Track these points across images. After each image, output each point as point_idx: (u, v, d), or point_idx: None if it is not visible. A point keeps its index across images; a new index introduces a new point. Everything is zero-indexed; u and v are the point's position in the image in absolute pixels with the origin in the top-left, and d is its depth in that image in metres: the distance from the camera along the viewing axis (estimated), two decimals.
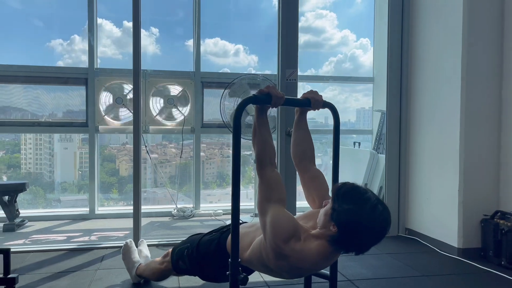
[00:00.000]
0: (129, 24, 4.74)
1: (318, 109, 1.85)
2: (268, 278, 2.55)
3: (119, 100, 4.15)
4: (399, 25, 3.67)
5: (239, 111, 1.56)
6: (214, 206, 4.61)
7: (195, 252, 1.97)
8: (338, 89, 5.42)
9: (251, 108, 3.92)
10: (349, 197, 1.50)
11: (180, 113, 4.30)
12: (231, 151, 1.63)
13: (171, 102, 4.25)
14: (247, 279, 1.56)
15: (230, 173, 4.59)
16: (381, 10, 4.65)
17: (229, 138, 5.09)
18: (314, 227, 1.60)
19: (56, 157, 4.80)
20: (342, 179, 4.34)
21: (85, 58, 4.27)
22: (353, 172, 4.20)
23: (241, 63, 5.25)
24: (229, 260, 1.58)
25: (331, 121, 1.94)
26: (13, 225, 3.72)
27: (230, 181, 1.62)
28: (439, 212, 3.24)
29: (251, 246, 1.70)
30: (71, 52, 4.68)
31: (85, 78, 4.21)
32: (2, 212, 3.80)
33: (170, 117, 4.32)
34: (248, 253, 1.72)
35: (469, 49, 3.00)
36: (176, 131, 4.37)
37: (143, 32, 4.77)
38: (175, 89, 4.31)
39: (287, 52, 3.42)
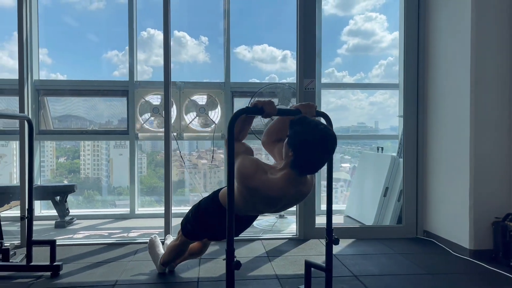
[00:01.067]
0: (179, 34, 5.09)
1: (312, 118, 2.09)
2: (278, 271, 2.78)
3: (155, 110, 4.54)
4: (415, 31, 3.77)
5: (233, 120, 1.83)
6: None
7: (197, 211, 2.34)
8: (388, 93, 5.38)
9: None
10: (297, 123, 1.88)
11: (211, 120, 4.63)
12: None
13: (202, 111, 4.59)
14: (240, 264, 1.81)
15: None
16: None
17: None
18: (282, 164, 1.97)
19: (112, 163, 5.22)
20: (364, 182, 4.48)
21: (139, 67, 4.67)
22: (375, 176, 4.33)
23: (289, 69, 5.27)
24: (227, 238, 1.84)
25: (381, 126, 2.26)
26: (64, 222, 4.20)
27: None
28: (452, 215, 3.33)
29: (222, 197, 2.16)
30: (125, 62, 5.05)
31: (126, 90, 4.65)
32: (55, 211, 4.29)
33: (202, 125, 4.66)
34: (225, 202, 2.12)
35: (478, 57, 3.09)
36: (208, 137, 4.71)
37: (192, 41, 5.16)
38: (205, 99, 4.64)
39: (305, 62, 3.64)
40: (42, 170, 4.86)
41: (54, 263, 2.75)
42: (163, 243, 3.03)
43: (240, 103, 4.78)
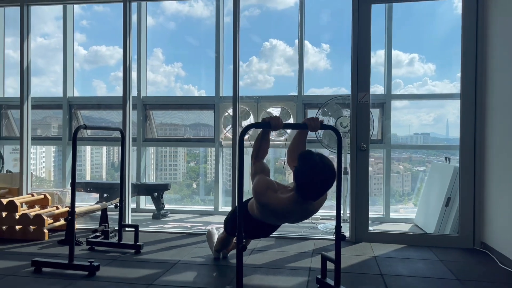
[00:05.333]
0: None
1: (316, 131, 2.48)
2: (313, 265, 3.15)
3: None
4: (473, 37, 3.77)
5: (243, 133, 2.31)
6: None
7: (233, 215, 2.88)
8: None
9: (346, 121, 4.50)
10: (302, 158, 2.29)
11: (284, 131, 5.11)
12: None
13: None
14: (246, 247, 2.28)
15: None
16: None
17: (399, 153, 5.61)
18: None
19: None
20: (429, 192, 4.54)
21: (261, 77, 5.26)
22: (439, 186, 4.35)
23: (416, 73, 5.19)
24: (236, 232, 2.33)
25: (452, 134, 2.63)
26: (159, 214, 5.06)
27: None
28: (508, 227, 3.28)
29: (249, 206, 2.61)
30: (249, 72, 5.60)
31: (213, 104, 5.39)
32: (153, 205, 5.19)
33: (277, 134, 5.17)
34: (251, 210, 2.59)
35: None
36: (282, 145, 5.19)
37: (314, 49, 5.39)
38: (279, 111, 5.14)
39: (359, 76, 3.91)
40: (173, 172, 5.74)
41: (137, 243, 3.52)
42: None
43: (312, 114, 5.17)
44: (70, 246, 2.94)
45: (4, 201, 3.93)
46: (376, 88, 5.14)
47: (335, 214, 2.53)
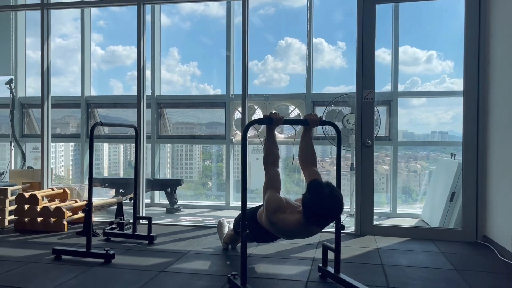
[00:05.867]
0: (316, 41, 5.24)
1: (316, 127, 2.62)
2: (317, 256, 3.29)
3: None
4: (475, 35, 3.85)
5: (246, 129, 2.46)
6: None
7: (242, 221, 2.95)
8: None
9: (352, 118, 4.61)
10: (311, 189, 2.33)
11: (293, 128, 5.25)
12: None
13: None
14: (248, 236, 2.43)
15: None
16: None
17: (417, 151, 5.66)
18: None
19: (250, 167, 5.66)
20: (435, 187, 4.62)
21: (276, 75, 5.33)
22: (444, 181, 4.43)
23: (434, 71, 5.15)
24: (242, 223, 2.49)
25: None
26: (172, 209, 5.25)
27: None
28: (508, 221, 3.37)
29: (258, 214, 2.70)
30: (264, 71, 5.66)
31: (224, 102, 5.56)
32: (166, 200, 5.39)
33: (286, 131, 5.31)
34: (259, 219, 2.68)
35: None
36: (290, 142, 5.33)
37: (329, 47, 5.42)
38: (289, 108, 5.28)
39: (364, 74, 4.03)
40: (189, 170, 5.89)
41: (150, 234, 3.71)
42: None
43: (320, 112, 5.29)
44: (87, 235, 3.14)
45: (27, 194, 4.17)
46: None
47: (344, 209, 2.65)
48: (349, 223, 4.42)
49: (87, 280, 2.73)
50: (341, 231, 2.72)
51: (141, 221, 4.16)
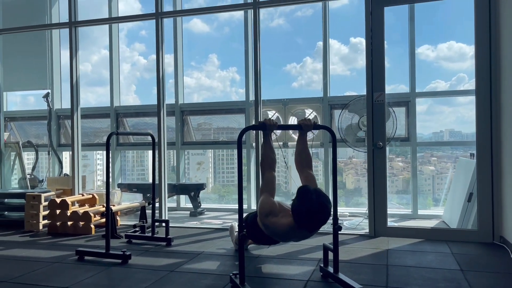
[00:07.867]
0: (355, 40, 5.18)
1: (309, 131, 2.71)
2: None
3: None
4: (486, 33, 3.79)
5: (241, 134, 2.59)
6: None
7: (246, 221, 3.07)
8: None
9: (364, 123, 4.64)
10: (299, 195, 2.47)
11: (312, 133, 5.31)
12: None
13: None
14: (246, 236, 2.56)
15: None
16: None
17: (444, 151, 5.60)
18: None
19: (290, 170, 5.60)
20: (455, 188, 4.56)
21: (316, 77, 5.32)
22: (463, 182, 4.36)
23: None
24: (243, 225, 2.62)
25: None
26: (195, 212, 5.45)
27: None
28: None
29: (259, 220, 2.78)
30: (303, 73, 5.66)
31: (243, 108, 5.71)
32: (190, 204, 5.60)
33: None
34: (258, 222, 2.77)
35: None
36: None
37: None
38: (306, 112, 5.35)
39: (374, 76, 4.05)
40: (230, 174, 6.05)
41: (168, 237, 3.90)
42: None
43: (337, 114, 5.33)
44: (106, 238, 3.38)
45: (58, 200, 4.49)
46: (438, 84, 5.03)
47: (362, 211, 2.72)
48: (363, 226, 4.44)
49: (102, 278, 2.95)
50: (353, 232, 2.78)
51: (162, 224, 4.38)
